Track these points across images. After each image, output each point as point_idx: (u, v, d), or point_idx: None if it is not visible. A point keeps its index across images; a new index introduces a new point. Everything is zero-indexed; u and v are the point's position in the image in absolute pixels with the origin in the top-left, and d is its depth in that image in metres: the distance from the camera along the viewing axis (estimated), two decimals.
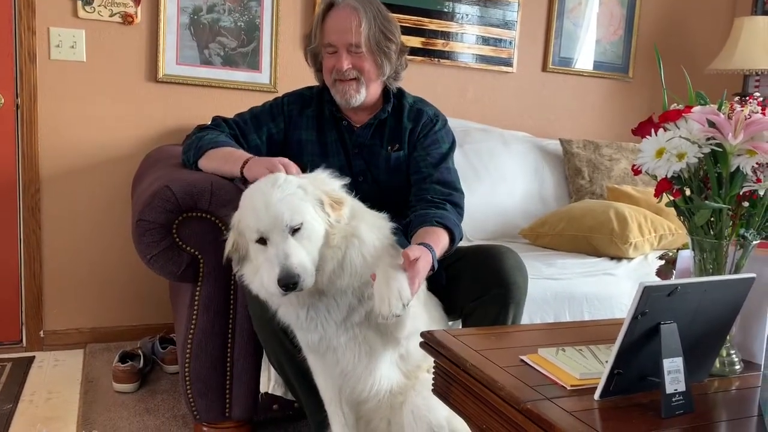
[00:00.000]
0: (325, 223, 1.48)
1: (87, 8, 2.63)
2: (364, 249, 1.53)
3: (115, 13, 2.67)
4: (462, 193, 1.91)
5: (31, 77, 2.59)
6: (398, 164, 1.94)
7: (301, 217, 1.44)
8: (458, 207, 1.86)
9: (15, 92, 2.60)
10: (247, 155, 1.76)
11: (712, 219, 1.21)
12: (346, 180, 1.61)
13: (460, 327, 1.86)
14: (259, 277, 1.49)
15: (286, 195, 1.45)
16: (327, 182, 1.56)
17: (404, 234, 1.77)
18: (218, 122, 1.96)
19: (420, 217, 1.77)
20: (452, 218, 1.78)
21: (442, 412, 1.56)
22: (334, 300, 1.53)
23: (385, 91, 1.97)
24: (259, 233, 1.44)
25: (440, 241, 1.69)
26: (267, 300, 1.59)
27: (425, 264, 1.53)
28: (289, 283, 1.38)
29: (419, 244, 1.59)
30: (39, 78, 2.61)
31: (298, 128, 1.96)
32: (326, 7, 1.87)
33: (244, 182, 1.71)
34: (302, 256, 1.42)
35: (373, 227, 1.58)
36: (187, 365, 1.87)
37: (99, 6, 2.64)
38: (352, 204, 1.57)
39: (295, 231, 1.43)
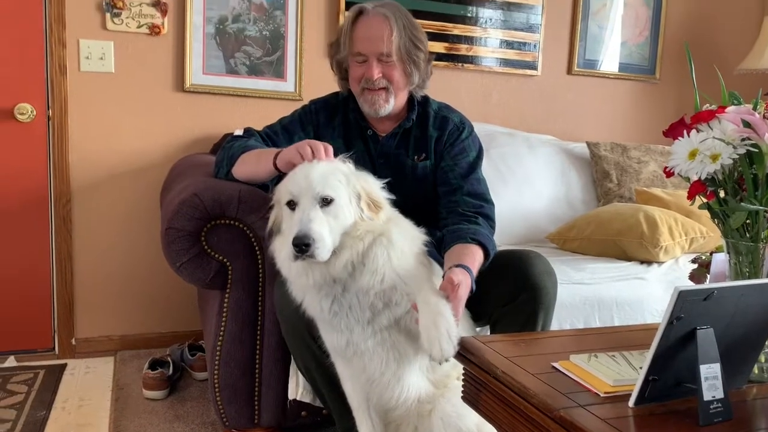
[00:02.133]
0: (355, 214, 1.50)
1: (115, 20, 2.68)
2: (392, 251, 1.52)
3: (143, 25, 2.71)
4: (492, 204, 1.88)
5: (62, 89, 2.64)
6: (425, 174, 1.92)
7: (335, 194, 1.47)
8: (489, 219, 1.83)
9: (46, 104, 2.65)
10: (276, 150, 1.70)
11: (748, 221, 1.19)
12: (392, 196, 1.60)
13: (489, 333, 1.84)
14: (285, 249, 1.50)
15: (327, 172, 1.50)
16: (371, 184, 1.58)
17: (436, 248, 1.75)
18: (251, 132, 1.95)
19: (453, 232, 1.74)
20: (485, 233, 1.75)
21: (472, 419, 1.55)
22: (356, 298, 1.53)
23: (410, 99, 1.95)
24: (291, 195, 1.48)
25: (476, 259, 1.66)
26: (288, 279, 1.59)
27: (466, 289, 1.52)
28: (302, 243, 1.40)
29: (457, 265, 1.56)
30: (69, 90, 2.66)
31: (325, 136, 1.94)
32: (355, 15, 1.84)
33: (281, 176, 1.68)
34: (324, 228, 1.44)
35: (406, 234, 1.58)
36: (216, 372, 1.88)
37: (127, 18, 2.69)
38: (390, 212, 1.59)
39: (324, 205, 1.46)
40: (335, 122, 1.95)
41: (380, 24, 1.80)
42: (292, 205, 1.49)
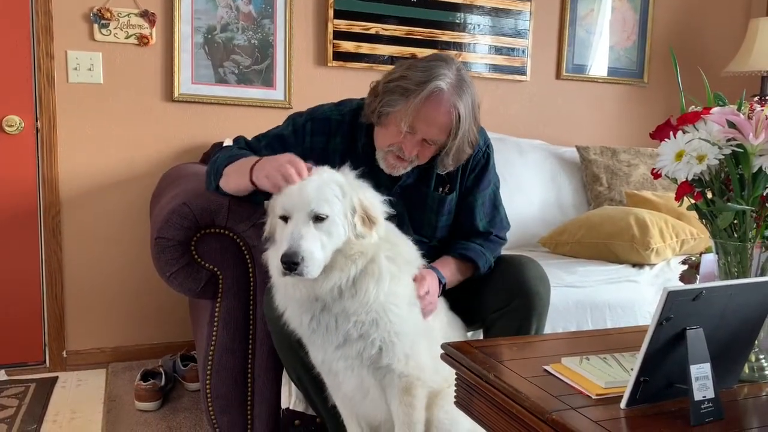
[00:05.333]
0: (349, 230, 1.47)
1: (103, 31, 2.67)
2: (381, 286, 1.51)
3: (131, 35, 2.71)
4: (508, 226, 1.94)
5: (50, 101, 2.63)
6: (450, 208, 1.84)
7: (329, 210, 1.44)
8: (498, 244, 1.89)
9: (35, 116, 2.64)
10: (252, 162, 1.61)
11: (735, 221, 1.19)
12: (391, 210, 1.58)
13: (482, 338, 1.84)
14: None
15: (322, 185, 1.46)
16: (369, 196, 1.53)
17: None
18: (240, 144, 1.84)
19: (448, 245, 1.84)
20: (477, 248, 1.80)
21: (465, 425, 1.55)
22: (334, 320, 1.51)
23: None
24: (284, 210, 1.44)
25: (451, 265, 1.77)
26: (277, 290, 1.59)
27: (433, 292, 1.64)
28: (291, 261, 1.37)
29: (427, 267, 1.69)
30: (58, 101, 2.65)
31: (323, 161, 1.68)
32: (431, 92, 1.62)
33: (261, 192, 1.60)
34: (315, 245, 1.41)
35: (400, 258, 1.58)
36: (207, 382, 1.87)
37: (115, 29, 2.68)
38: (386, 231, 1.56)
39: (317, 221, 1.43)
40: (333, 144, 1.78)
41: (448, 114, 1.65)
42: (284, 218, 1.46)
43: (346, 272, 1.47)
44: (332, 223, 1.44)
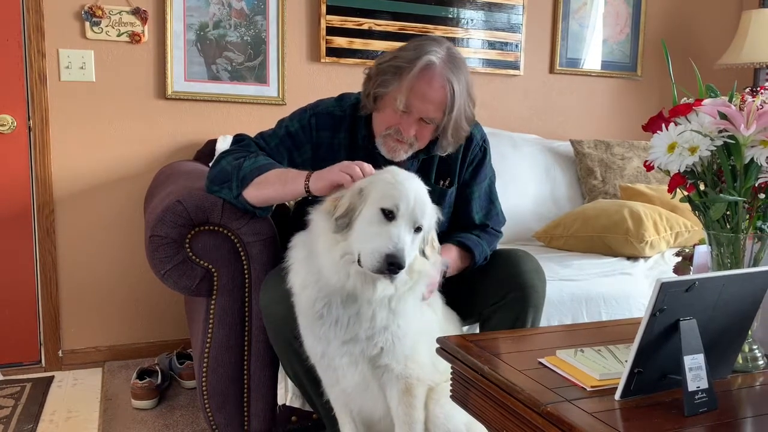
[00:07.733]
0: (419, 247, 1.50)
1: (95, 29, 2.66)
2: (411, 298, 1.54)
3: (123, 33, 2.70)
4: (503, 220, 1.96)
5: (42, 99, 2.62)
6: (450, 201, 1.85)
7: (425, 225, 1.47)
8: (495, 237, 1.91)
9: (27, 115, 2.63)
10: (302, 173, 1.59)
11: (727, 212, 1.20)
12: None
13: (478, 332, 1.85)
14: (347, 243, 1.43)
15: (427, 200, 1.49)
16: (435, 222, 1.55)
17: None
18: (247, 143, 1.78)
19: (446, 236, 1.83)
20: (474, 238, 1.81)
21: (460, 418, 1.55)
22: (346, 316, 1.51)
23: None
24: (396, 207, 1.41)
25: (451, 251, 1.76)
26: (297, 271, 1.57)
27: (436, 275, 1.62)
28: (395, 262, 1.36)
29: None
30: (50, 100, 2.64)
31: (329, 157, 1.73)
32: (423, 67, 1.63)
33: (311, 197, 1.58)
34: (411, 254, 1.43)
35: (423, 275, 1.58)
36: (204, 379, 1.87)
37: (107, 27, 2.67)
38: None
39: (416, 231, 1.45)
40: (338, 138, 1.78)
41: (443, 89, 1.65)
42: (390, 215, 1.41)
43: (400, 289, 1.49)
44: (419, 237, 1.47)
